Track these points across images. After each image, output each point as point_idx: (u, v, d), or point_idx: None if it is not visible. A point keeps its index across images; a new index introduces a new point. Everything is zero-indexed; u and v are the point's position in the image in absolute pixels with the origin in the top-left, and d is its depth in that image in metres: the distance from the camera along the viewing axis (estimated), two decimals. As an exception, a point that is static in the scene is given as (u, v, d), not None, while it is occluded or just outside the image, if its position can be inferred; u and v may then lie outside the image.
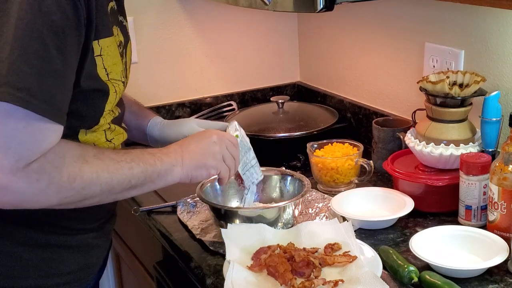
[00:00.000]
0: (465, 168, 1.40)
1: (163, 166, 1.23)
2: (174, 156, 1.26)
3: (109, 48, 1.19)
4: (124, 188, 1.18)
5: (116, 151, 1.20)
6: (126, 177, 1.17)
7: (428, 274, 1.22)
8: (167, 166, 1.24)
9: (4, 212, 1.11)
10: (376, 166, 1.68)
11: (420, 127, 1.54)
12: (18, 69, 1.02)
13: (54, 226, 1.22)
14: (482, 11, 1.55)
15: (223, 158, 1.32)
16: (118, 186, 1.16)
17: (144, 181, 1.20)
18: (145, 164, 1.20)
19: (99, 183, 1.13)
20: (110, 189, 1.15)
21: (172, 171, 1.25)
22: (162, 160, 1.24)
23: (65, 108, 1.09)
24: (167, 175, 1.24)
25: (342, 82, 2.13)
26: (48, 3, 1.04)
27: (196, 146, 1.30)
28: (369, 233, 1.43)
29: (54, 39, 1.04)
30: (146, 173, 1.20)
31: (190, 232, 1.48)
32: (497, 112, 1.45)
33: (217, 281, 1.29)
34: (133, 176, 1.18)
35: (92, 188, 1.12)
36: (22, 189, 1.05)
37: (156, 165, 1.22)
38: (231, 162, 1.35)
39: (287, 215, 1.42)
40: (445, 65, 1.68)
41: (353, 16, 2.01)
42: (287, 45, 2.33)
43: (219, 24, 2.20)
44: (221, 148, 1.32)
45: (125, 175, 1.17)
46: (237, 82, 2.27)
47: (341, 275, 1.22)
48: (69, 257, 1.26)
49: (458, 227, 1.39)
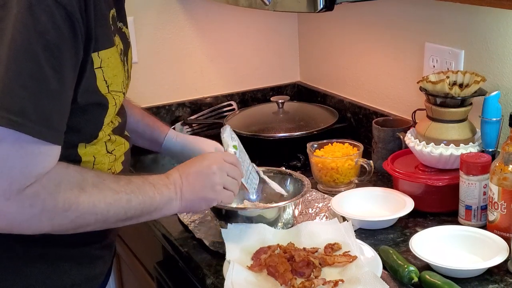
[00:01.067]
0: (465, 168, 1.40)
1: (162, 199, 1.21)
2: (174, 189, 1.23)
3: (109, 60, 1.17)
4: (119, 219, 1.16)
5: (117, 180, 1.17)
6: (122, 209, 1.15)
7: (428, 274, 1.22)
8: (166, 200, 1.22)
9: None
10: (376, 166, 1.68)
11: (420, 127, 1.54)
12: (12, 91, 1.00)
13: (53, 238, 1.18)
14: (482, 11, 1.55)
15: (224, 186, 1.29)
16: (114, 217, 1.14)
17: (141, 213, 1.18)
18: (143, 197, 1.18)
19: (95, 213, 1.11)
20: (104, 220, 1.14)
21: (170, 204, 1.23)
22: (162, 194, 1.21)
23: (62, 127, 1.07)
24: (164, 208, 1.22)
25: (342, 82, 2.13)
26: (42, 22, 1.01)
27: (196, 178, 1.26)
28: (369, 233, 1.43)
29: (49, 58, 1.02)
30: (144, 206, 1.18)
31: (190, 232, 1.48)
32: (497, 112, 1.45)
33: (217, 281, 1.29)
34: (130, 209, 1.16)
35: (86, 218, 1.11)
36: (14, 214, 1.03)
37: (155, 198, 1.20)
38: (233, 186, 1.31)
39: (287, 215, 1.42)
40: (445, 65, 1.68)
41: (353, 16, 2.01)
42: (287, 45, 2.33)
43: (219, 24, 2.20)
44: (221, 178, 1.28)
45: (122, 208, 1.15)
46: (237, 82, 2.27)
47: (341, 275, 1.22)
48: (72, 269, 1.25)
49: (458, 227, 1.39)
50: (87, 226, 1.13)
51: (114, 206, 1.14)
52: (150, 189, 1.20)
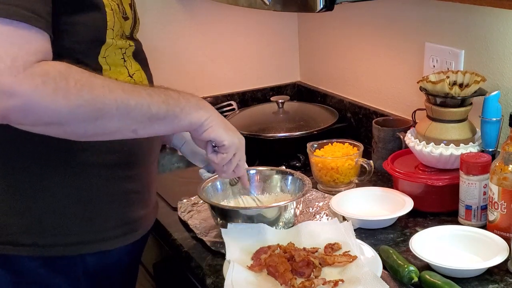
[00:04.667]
0: (465, 168, 1.40)
1: (188, 103, 1.17)
2: (203, 103, 1.20)
3: None
4: (145, 115, 1.10)
5: (131, 83, 1.13)
6: (145, 101, 1.09)
7: (428, 274, 1.22)
8: (192, 104, 1.18)
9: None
10: (376, 166, 1.68)
11: (420, 127, 1.54)
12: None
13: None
14: (482, 11, 1.55)
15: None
16: (137, 110, 1.08)
17: (166, 113, 1.12)
18: (166, 96, 1.13)
19: (114, 98, 1.05)
20: (128, 111, 1.07)
21: (197, 111, 1.19)
22: (188, 99, 1.17)
23: (41, 12, 1.03)
24: (191, 112, 1.17)
25: (342, 82, 2.13)
26: None
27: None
28: (369, 233, 1.43)
29: None
30: (168, 105, 1.13)
31: (190, 232, 1.48)
32: (497, 112, 1.45)
33: (217, 281, 1.29)
34: (153, 103, 1.10)
35: (106, 102, 1.04)
36: (28, 91, 0.98)
37: (179, 100, 1.15)
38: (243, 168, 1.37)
39: (288, 214, 1.42)
40: (445, 65, 1.68)
41: (353, 16, 2.01)
42: (287, 45, 2.33)
43: (219, 24, 2.20)
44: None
45: (143, 99, 1.09)
46: (237, 82, 2.27)
47: (341, 275, 1.22)
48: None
49: (458, 227, 1.39)
50: (110, 116, 1.06)
51: (134, 96, 1.08)
52: (173, 92, 1.16)
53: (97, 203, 1.25)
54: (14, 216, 1.20)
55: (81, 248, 1.24)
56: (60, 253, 1.23)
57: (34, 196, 1.20)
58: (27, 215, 1.20)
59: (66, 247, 1.23)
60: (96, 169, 1.23)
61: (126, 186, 1.29)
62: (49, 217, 1.21)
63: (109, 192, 1.26)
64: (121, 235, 1.30)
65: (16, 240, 1.20)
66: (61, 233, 1.22)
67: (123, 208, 1.29)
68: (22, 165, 1.19)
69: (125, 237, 1.31)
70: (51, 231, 1.21)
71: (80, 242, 1.24)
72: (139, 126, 1.11)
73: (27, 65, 0.98)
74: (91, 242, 1.25)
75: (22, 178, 1.20)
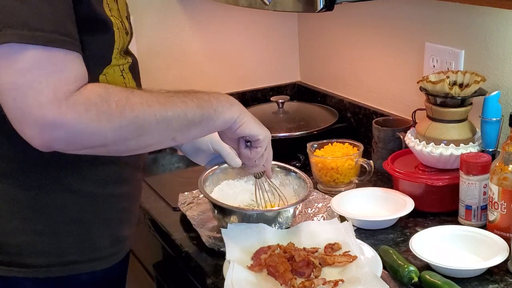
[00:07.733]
0: (465, 168, 1.40)
1: (220, 103, 1.18)
2: (233, 100, 1.22)
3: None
4: (182, 124, 1.11)
5: (161, 91, 1.13)
6: (181, 110, 1.10)
7: (428, 274, 1.22)
8: (224, 103, 1.19)
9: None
10: (376, 166, 1.68)
11: (420, 127, 1.54)
12: (11, 6, 0.97)
13: None
14: (482, 11, 1.55)
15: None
16: (175, 119, 1.09)
17: (201, 116, 1.14)
18: (198, 100, 1.14)
19: (153, 113, 1.06)
20: (167, 123, 1.09)
21: (229, 109, 1.20)
22: (218, 98, 1.18)
23: (74, 34, 1.03)
24: (224, 111, 1.18)
25: (342, 82, 2.13)
26: None
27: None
28: (369, 233, 1.43)
29: None
30: (202, 108, 1.14)
31: (190, 232, 1.48)
32: (497, 112, 1.45)
33: (217, 281, 1.29)
34: (188, 110, 1.11)
35: (146, 119, 1.06)
36: (73, 121, 0.99)
37: (211, 101, 1.16)
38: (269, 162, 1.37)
39: (287, 213, 1.42)
40: (445, 65, 1.68)
41: (353, 16, 2.01)
42: (287, 45, 2.33)
43: (219, 24, 2.20)
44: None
45: (179, 108, 1.10)
46: (237, 82, 2.27)
47: (341, 275, 1.22)
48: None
49: (458, 227, 1.39)
50: (151, 130, 1.08)
51: (170, 107, 1.09)
52: (203, 94, 1.17)
53: (94, 222, 1.23)
54: (7, 236, 1.18)
55: (78, 268, 1.22)
56: (55, 274, 1.20)
57: (29, 217, 1.17)
58: (21, 236, 1.18)
59: (62, 267, 1.21)
60: (91, 187, 1.22)
61: (120, 205, 1.28)
62: (44, 237, 1.19)
63: (105, 211, 1.25)
64: (115, 253, 1.29)
65: (10, 261, 1.18)
66: (56, 254, 1.20)
67: (117, 226, 1.29)
68: (17, 185, 1.16)
69: (119, 255, 1.31)
70: (46, 252, 1.19)
71: (76, 262, 1.22)
72: (178, 134, 1.13)
73: (68, 95, 0.99)
74: (87, 261, 1.23)
75: (18, 198, 1.17)
